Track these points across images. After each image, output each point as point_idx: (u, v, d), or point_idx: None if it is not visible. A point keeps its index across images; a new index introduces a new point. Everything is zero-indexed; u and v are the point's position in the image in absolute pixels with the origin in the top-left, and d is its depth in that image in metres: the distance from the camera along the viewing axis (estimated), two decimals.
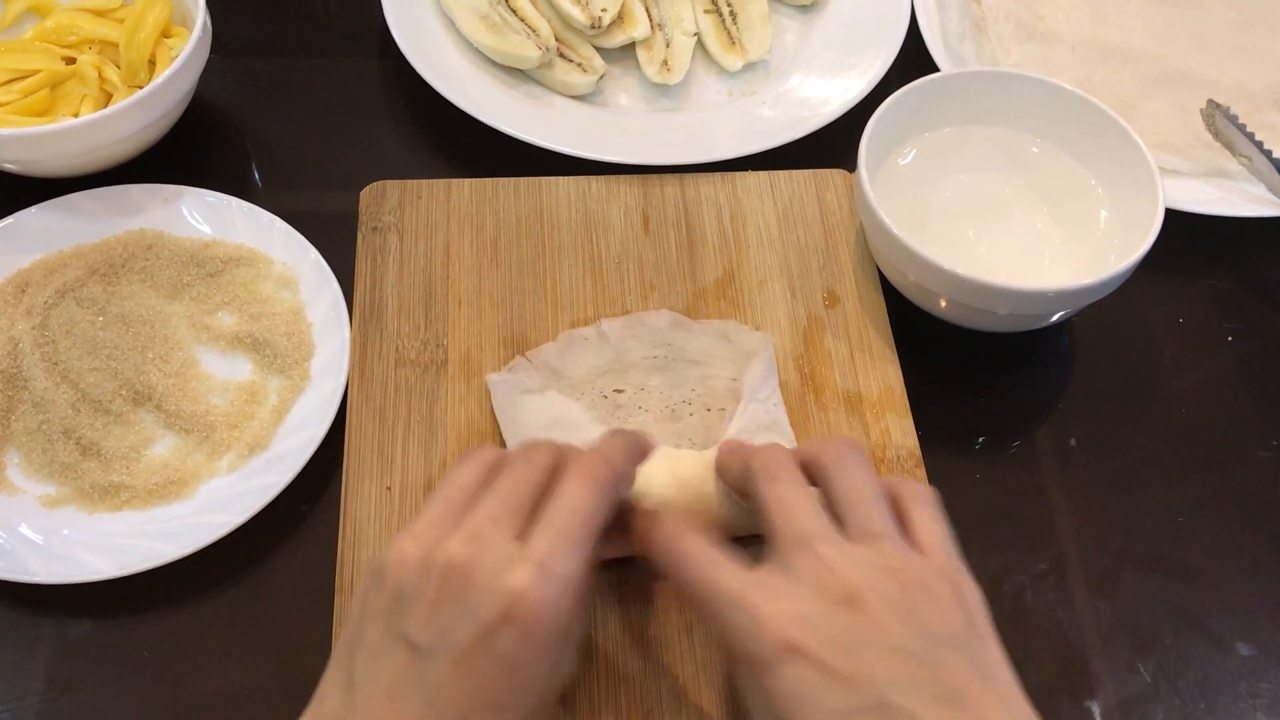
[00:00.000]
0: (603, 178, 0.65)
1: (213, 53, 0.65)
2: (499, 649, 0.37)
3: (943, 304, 0.59)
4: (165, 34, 0.65)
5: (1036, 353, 0.63)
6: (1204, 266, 0.67)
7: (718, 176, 0.66)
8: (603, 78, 0.71)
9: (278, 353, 0.58)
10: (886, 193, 0.60)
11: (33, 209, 0.62)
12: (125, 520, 0.53)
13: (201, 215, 0.63)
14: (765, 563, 0.41)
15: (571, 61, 0.70)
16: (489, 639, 0.37)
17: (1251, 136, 0.66)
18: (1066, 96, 0.62)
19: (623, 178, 0.66)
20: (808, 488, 0.43)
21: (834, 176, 0.67)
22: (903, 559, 0.40)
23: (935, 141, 0.65)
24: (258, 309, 0.60)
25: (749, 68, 0.74)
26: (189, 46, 0.62)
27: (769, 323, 0.60)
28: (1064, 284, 0.55)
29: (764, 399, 0.55)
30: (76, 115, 0.63)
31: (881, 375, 0.59)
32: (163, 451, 0.56)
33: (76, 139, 0.60)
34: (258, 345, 0.59)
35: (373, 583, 0.41)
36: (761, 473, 0.44)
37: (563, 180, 0.65)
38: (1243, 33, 0.76)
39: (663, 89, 0.72)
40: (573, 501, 0.41)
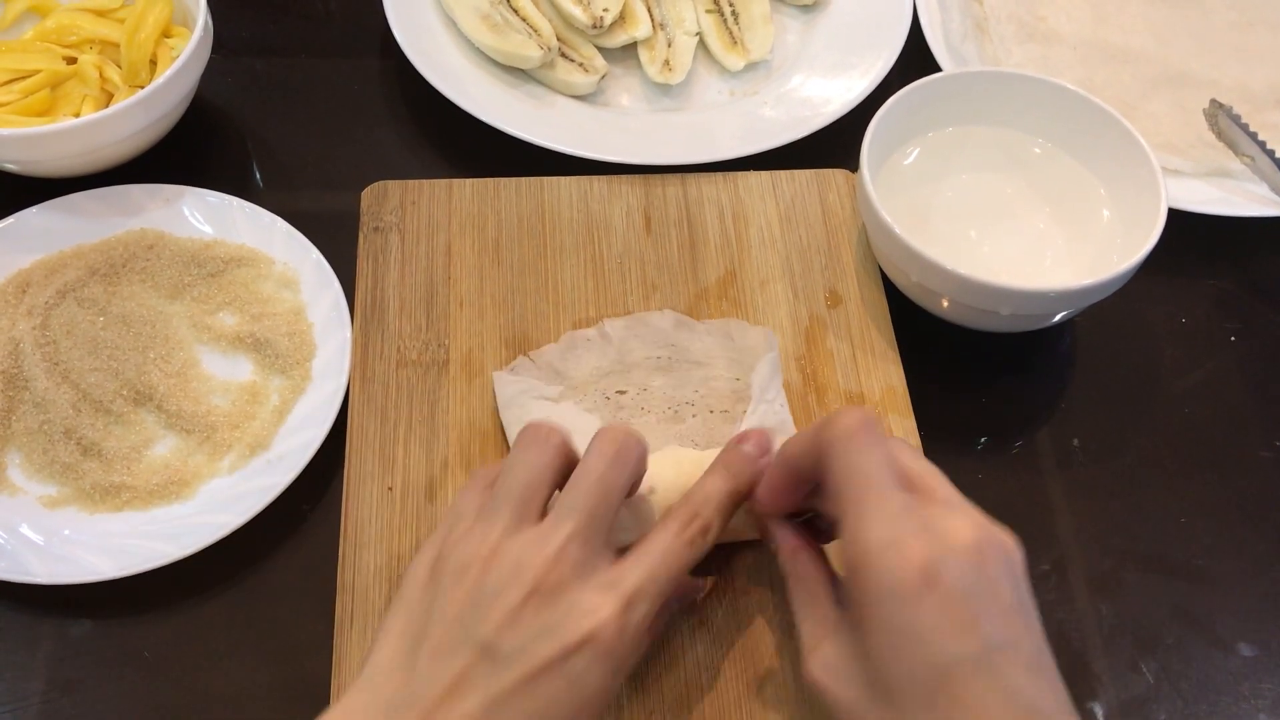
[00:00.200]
0: (604, 178, 0.65)
1: (214, 53, 0.65)
2: (571, 670, 0.39)
3: (945, 304, 0.58)
4: (166, 34, 0.65)
5: (1038, 353, 0.63)
6: (1206, 267, 0.67)
7: (719, 176, 0.66)
8: (604, 77, 0.71)
9: (279, 353, 0.58)
10: (888, 193, 0.60)
11: (33, 209, 0.62)
12: (126, 521, 0.53)
13: (203, 215, 0.63)
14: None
15: (573, 61, 0.70)
16: (565, 659, 0.39)
17: (1254, 136, 0.66)
18: (1069, 96, 0.62)
19: (624, 178, 0.65)
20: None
21: (836, 176, 0.66)
22: (997, 527, 0.41)
23: (937, 141, 0.65)
24: (259, 309, 0.60)
25: (751, 67, 0.74)
26: (190, 46, 0.62)
27: (771, 323, 0.60)
28: (1066, 284, 0.55)
29: (771, 399, 0.55)
30: (77, 115, 0.63)
31: (883, 375, 0.59)
32: (164, 452, 0.56)
33: (77, 139, 0.60)
34: (259, 345, 0.58)
35: (452, 571, 0.41)
36: (855, 439, 0.42)
37: (564, 180, 0.65)
38: (1244, 33, 0.76)
39: (664, 89, 0.72)
40: (671, 556, 0.43)
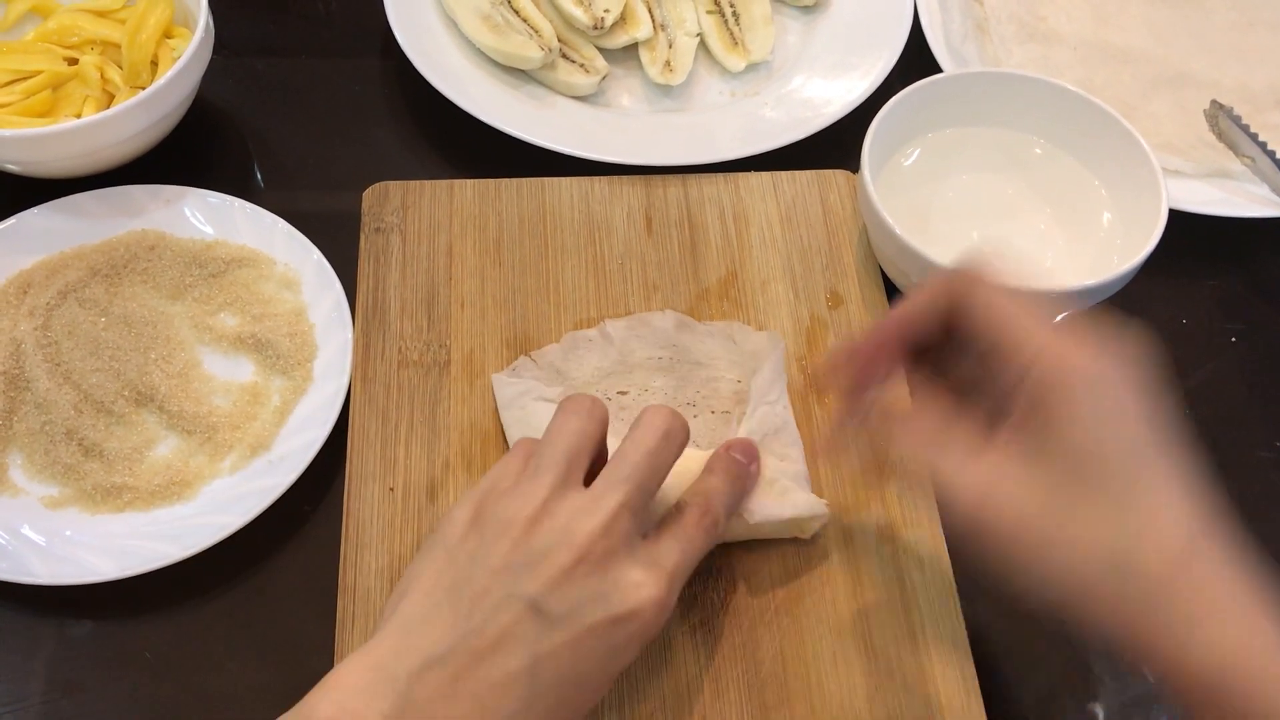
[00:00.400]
0: (605, 178, 0.65)
1: (215, 53, 0.65)
2: (613, 640, 0.41)
3: None
4: (167, 35, 0.65)
5: None
6: (1207, 267, 0.67)
7: (720, 177, 0.66)
8: (605, 78, 0.71)
9: (280, 354, 0.58)
10: (889, 193, 0.60)
11: (35, 210, 0.62)
12: (127, 521, 0.53)
13: (204, 216, 0.63)
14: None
15: (574, 62, 0.70)
16: (610, 628, 0.41)
17: (1255, 137, 0.66)
18: (1069, 97, 0.62)
19: (625, 178, 0.65)
20: None
21: (837, 177, 0.66)
22: None
23: (938, 142, 0.65)
24: (260, 310, 0.60)
25: (751, 68, 0.74)
26: (191, 47, 0.62)
27: (772, 324, 0.60)
28: (1067, 285, 0.55)
29: (773, 401, 0.55)
30: (79, 116, 0.63)
31: None
32: (165, 453, 0.56)
33: (79, 140, 0.60)
34: (260, 346, 0.58)
35: (496, 524, 0.42)
36: (992, 277, 0.43)
37: (565, 181, 0.65)
38: (1244, 33, 0.76)
39: (665, 90, 0.72)
40: (698, 542, 0.45)
